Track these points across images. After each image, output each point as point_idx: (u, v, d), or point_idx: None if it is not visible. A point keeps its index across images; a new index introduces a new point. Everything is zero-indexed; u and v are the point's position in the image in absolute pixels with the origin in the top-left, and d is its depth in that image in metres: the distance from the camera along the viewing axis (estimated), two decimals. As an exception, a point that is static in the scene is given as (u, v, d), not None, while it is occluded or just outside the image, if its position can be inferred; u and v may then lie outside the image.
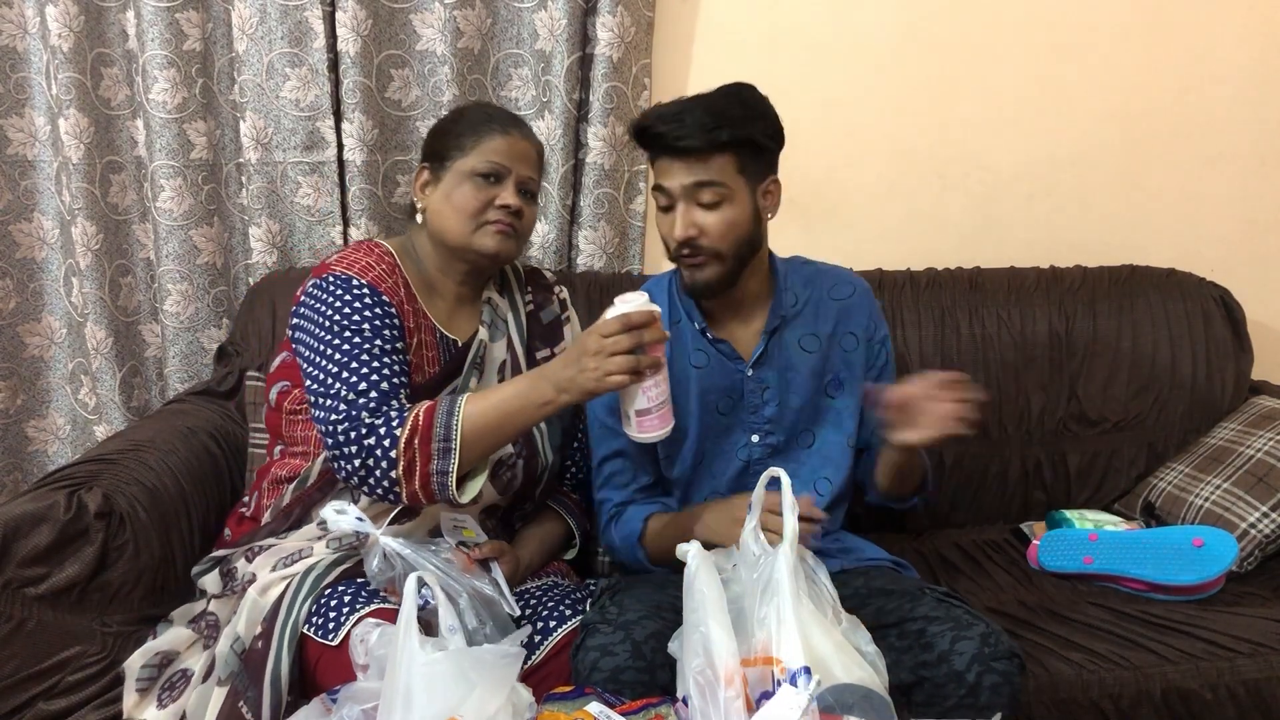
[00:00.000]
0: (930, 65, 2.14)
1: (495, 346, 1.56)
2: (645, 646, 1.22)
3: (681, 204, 1.41)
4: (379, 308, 1.41)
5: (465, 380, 1.50)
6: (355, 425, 1.30)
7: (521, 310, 1.62)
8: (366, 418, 1.30)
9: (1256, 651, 1.50)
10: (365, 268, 1.44)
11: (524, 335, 1.60)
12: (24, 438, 2.09)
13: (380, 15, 1.94)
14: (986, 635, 1.24)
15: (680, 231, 1.41)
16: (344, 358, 1.36)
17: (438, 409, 1.30)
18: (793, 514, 1.17)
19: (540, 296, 1.66)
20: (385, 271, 1.45)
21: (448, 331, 1.52)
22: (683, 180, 1.40)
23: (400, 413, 1.31)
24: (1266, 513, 1.73)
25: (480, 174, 1.46)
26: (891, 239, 2.19)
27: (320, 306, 1.41)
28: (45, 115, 1.96)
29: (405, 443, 1.28)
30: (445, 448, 1.28)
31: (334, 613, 1.29)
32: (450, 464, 1.28)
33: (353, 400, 1.32)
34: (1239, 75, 2.20)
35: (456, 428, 1.28)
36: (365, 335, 1.38)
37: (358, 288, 1.41)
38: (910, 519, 1.98)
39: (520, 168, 1.48)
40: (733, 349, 1.52)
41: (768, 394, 1.52)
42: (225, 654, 1.32)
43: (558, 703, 1.11)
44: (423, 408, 1.30)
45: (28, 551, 1.36)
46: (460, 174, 1.46)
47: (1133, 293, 2.06)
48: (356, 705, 1.08)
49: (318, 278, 1.45)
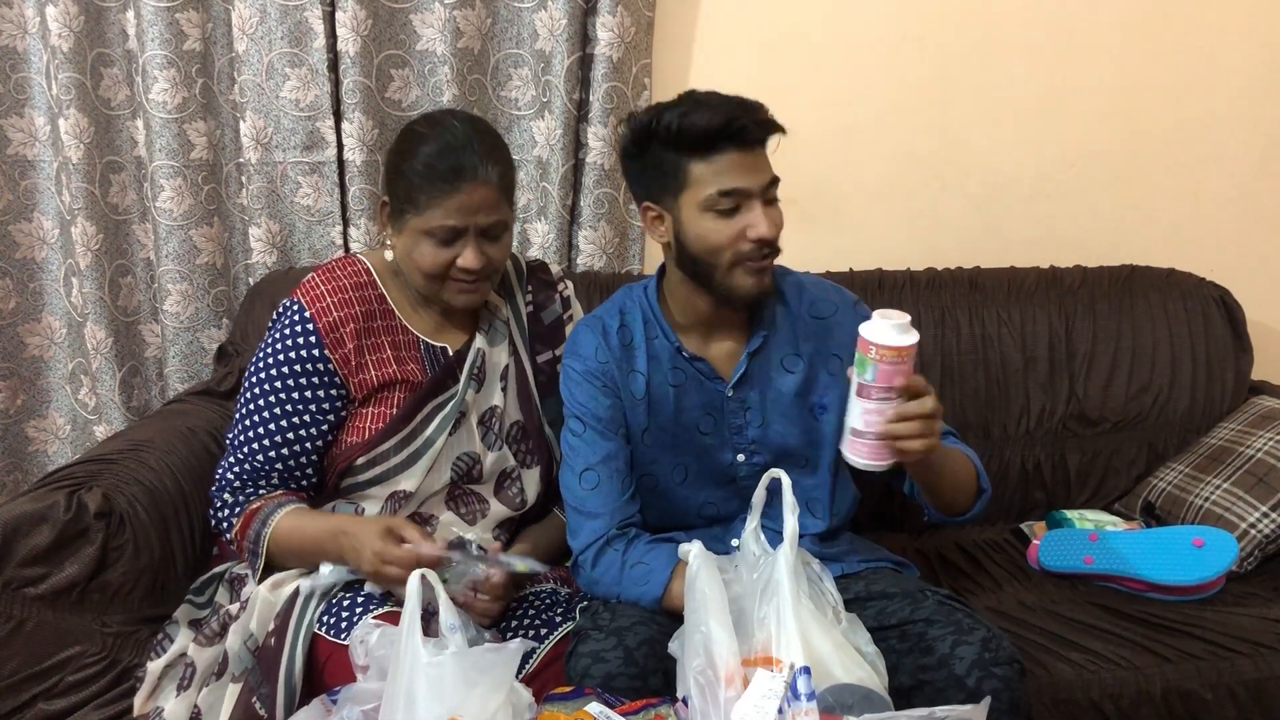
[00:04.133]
0: (930, 66, 2.14)
1: (495, 352, 1.53)
2: (638, 653, 1.22)
3: (759, 202, 1.33)
4: (308, 351, 1.43)
5: (464, 391, 1.47)
6: (217, 496, 1.45)
7: (522, 311, 1.59)
8: (227, 497, 1.44)
9: (1256, 651, 1.50)
10: (318, 297, 1.45)
11: (526, 337, 1.58)
12: (24, 438, 2.09)
13: (380, 15, 1.93)
14: (988, 640, 1.24)
15: (769, 230, 1.32)
16: (253, 406, 1.44)
17: (258, 515, 1.40)
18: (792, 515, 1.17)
19: (542, 295, 1.62)
20: (341, 301, 1.45)
21: (435, 341, 1.50)
22: (761, 179, 1.33)
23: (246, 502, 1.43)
24: (1266, 513, 1.73)
25: (435, 237, 1.39)
26: (891, 239, 2.19)
27: (268, 336, 1.47)
28: (45, 115, 1.96)
29: (237, 533, 1.42)
30: (254, 549, 1.39)
31: (346, 612, 1.31)
32: (258, 563, 1.40)
33: (229, 465, 1.45)
34: (1239, 75, 2.20)
35: (265, 538, 1.38)
36: (279, 390, 1.43)
37: (300, 324, 1.44)
38: (910, 519, 1.98)
39: (479, 219, 1.39)
40: (711, 368, 1.45)
41: (750, 414, 1.46)
42: (238, 650, 1.33)
43: (557, 703, 1.11)
44: (252, 506, 1.41)
45: (28, 551, 1.36)
46: (416, 232, 1.40)
47: (1133, 293, 2.06)
48: (356, 706, 1.08)
49: (287, 299, 1.48)
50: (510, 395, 1.54)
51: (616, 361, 1.46)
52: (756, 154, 1.34)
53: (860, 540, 1.59)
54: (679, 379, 1.46)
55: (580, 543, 1.42)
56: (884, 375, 1.21)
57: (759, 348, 1.45)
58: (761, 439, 1.46)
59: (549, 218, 2.05)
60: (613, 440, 1.44)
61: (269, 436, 1.43)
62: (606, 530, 1.40)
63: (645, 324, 1.48)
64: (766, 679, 1.02)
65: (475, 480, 1.50)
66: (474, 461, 1.48)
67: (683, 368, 1.46)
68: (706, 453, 1.47)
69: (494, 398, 1.52)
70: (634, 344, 1.47)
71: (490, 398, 1.51)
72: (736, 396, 1.46)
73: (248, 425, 1.44)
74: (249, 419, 1.44)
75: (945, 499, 1.42)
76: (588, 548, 1.40)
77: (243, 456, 1.44)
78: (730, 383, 1.45)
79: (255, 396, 1.44)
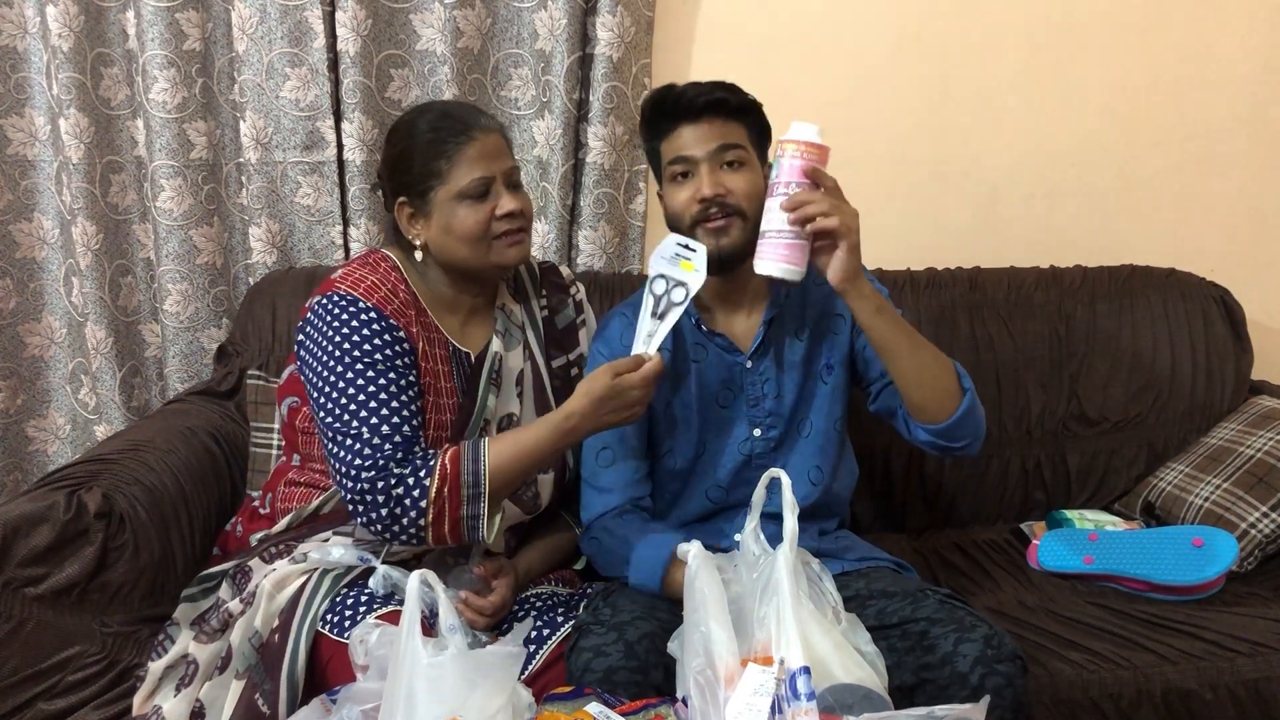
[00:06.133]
0: (929, 65, 2.14)
1: (511, 356, 1.52)
2: (638, 647, 1.22)
3: (705, 166, 1.42)
4: (388, 334, 1.36)
5: (483, 399, 1.46)
6: (383, 475, 1.28)
7: (538, 315, 1.59)
8: (395, 468, 1.28)
9: (1256, 651, 1.49)
10: (371, 287, 1.39)
11: (541, 341, 1.57)
12: (24, 438, 2.09)
13: (380, 15, 1.94)
14: (989, 637, 1.24)
15: (709, 189, 1.41)
16: (360, 394, 1.32)
17: (462, 456, 1.30)
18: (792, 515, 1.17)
19: (555, 299, 1.62)
20: (391, 290, 1.40)
21: (460, 345, 1.48)
22: (707, 145, 1.42)
23: (426, 460, 1.30)
24: (1266, 513, 1.73)
25: (470, 195, 1.39)
26: (891, 239, 2.18)
27: (327, 330, 1.36)
28: (45, 115, 1.96)
29: (435, 492, 1.28)
30: (475, 494, 1.29)
31: (350, 611, 1.30)
32: (481, 509, 1.30)
33: (378, 445, 1.29)
34: (1239, 75, 2.20)
35: (484, 474, 1.29)
36: (379, 369, 1.33)
37: (365, 311, 1.36)
38: (910, 519, 1.98)
39: (500, 164, 1.41)
40: (730, 341, 1.52)
41: (767, 386, 1.52)
42: (242, 647, 1.33)
43: (557, 703, 1.11)
44: (448, 455, 1.30)
45: (28, 551, 1.36)
46: (449, 202, 1.39)
47: (1133, 293, 2.06)
48: (356, 706, 1.08)
49: (323, 294, 1.39)
50: (527, 401, 1.54)
51: None
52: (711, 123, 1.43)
53: (860, 540, 1.59)
54: (700, 354, 1.53)
55: (591, 515, 1.51)
56: (791, 169, 1.30)
57: (774, 316, 1.51)
58: (777, 410, 1.52)
59: (549, 218, 2.05)
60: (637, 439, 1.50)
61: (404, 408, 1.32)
62: (619, 504, 1.49)
63: None
64: (757, 674, 1.02)
65: None
66: None
67: (703, 343, 1.53)
68: (724, 427, 1.52)
69: (511, 404, 1.51)
70: None
71: (508, 404, 1.51)
72: (755, 368, 1.51)
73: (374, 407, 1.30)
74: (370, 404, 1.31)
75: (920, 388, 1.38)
76: (598, 519, 1.49)
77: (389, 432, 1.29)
78: (748, 353, 1.51)
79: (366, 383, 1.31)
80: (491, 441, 1.32)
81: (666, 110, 1.45)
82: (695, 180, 1.43)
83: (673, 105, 1.44)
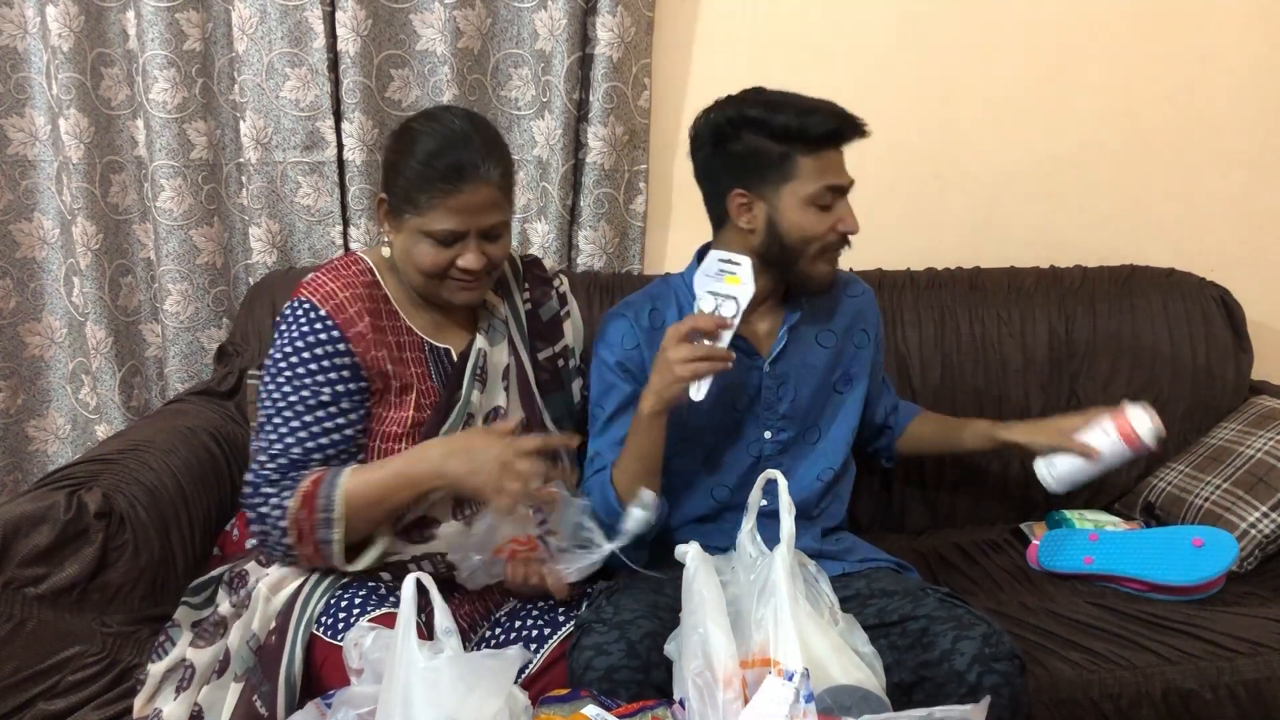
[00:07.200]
0: (930, 65, 2.13)
1: (495, 351, 1.52)
2: (640, 646, 1.22)
3: (847, 199, 1.46)
4: (330, 345, 1.38)
5: (467, 395, 1.46)
6: (256, 494, 1.34)
7: (520, 309, 1.59)
8: (265, 488, 1.34)
9: (1256, 651, 1.49)
10: (329, 294, 1.41)
11: (525, 336, 1.58)
12: (24, 438, 2.09)
13: (380, 15, 1.93)
14: (988, 635, 1.24)
15: (855, 225, 1.46)
16: (272, 406, 1.38)
17: (324, 480, 1.33)
18: (789, 516, 1.17)
19: (538, 292, 1.61)
20: (352, 297, 1.42)
21: (438, 342, 1.48)
22: (848, 177, 1.47)
23: (298, 482, 1.34)
24: (1266, 513, 1.73)
25: (435, 238, 1.37)
26: (891, 239, 2.18)
27: (278, 339, 1.42)
28: (45, 115, 1.96)
29: (294, 515, 1.32)
30: (327, 518, 1.31)
31: (344, 613, 1.30)
32: (333, 534, 1.32)
33: (261, 464, 1.36)
34: (1239, 75, 2.20)
35: (337, 499, 1.31)
36: (295, 385, 1.37)
37: (314, 321, 1.39)
38: (910, 519, 1.97)
39: (480, 219, 1.38)
40: (750, 345, 1.51)
41: (783, 390, 1.52)
42: (240, 650, 1.33)
43: (554, 705, 1.11)
44: (310, 479, 1.33)
45: (28, 551, 1.36)
46: (416, 232, 1.38)
47: (1133, 293, 2.06)
48: (351, 710, 1.07)
49: (292, 299, 1.43)
50: (513, 395, 1.54)
51: (646, 343, 1.51)
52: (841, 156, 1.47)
53: (861, 541, 1.59)
54: None
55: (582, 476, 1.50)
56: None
57: (797, 322, 1.53)
58: (791, 414, 1.53)
59: (549, 218, 2.05)
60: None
61: (305, 429, 1.36)
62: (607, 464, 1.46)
63: (680, 309, 1.54)
64: (776, 686, 1.01)
65: None
66: None
67: None
68: (735, 428, 1.52)
69: (497, 398, 1.51)
70: (665, 326, 1.52)
71: (494, 398, 1.51)
72: (773, 372, 1.52)
73: (279, 423, 1.37)
74: (278, 417, 1.37)
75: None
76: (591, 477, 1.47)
77: (278, 452, 1.36)
78: (769, 358, 1.51)
79: (282, 396, 1.38)
80: (356, 470, 1.35)
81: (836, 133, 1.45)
82: (839, 211, 1.45)
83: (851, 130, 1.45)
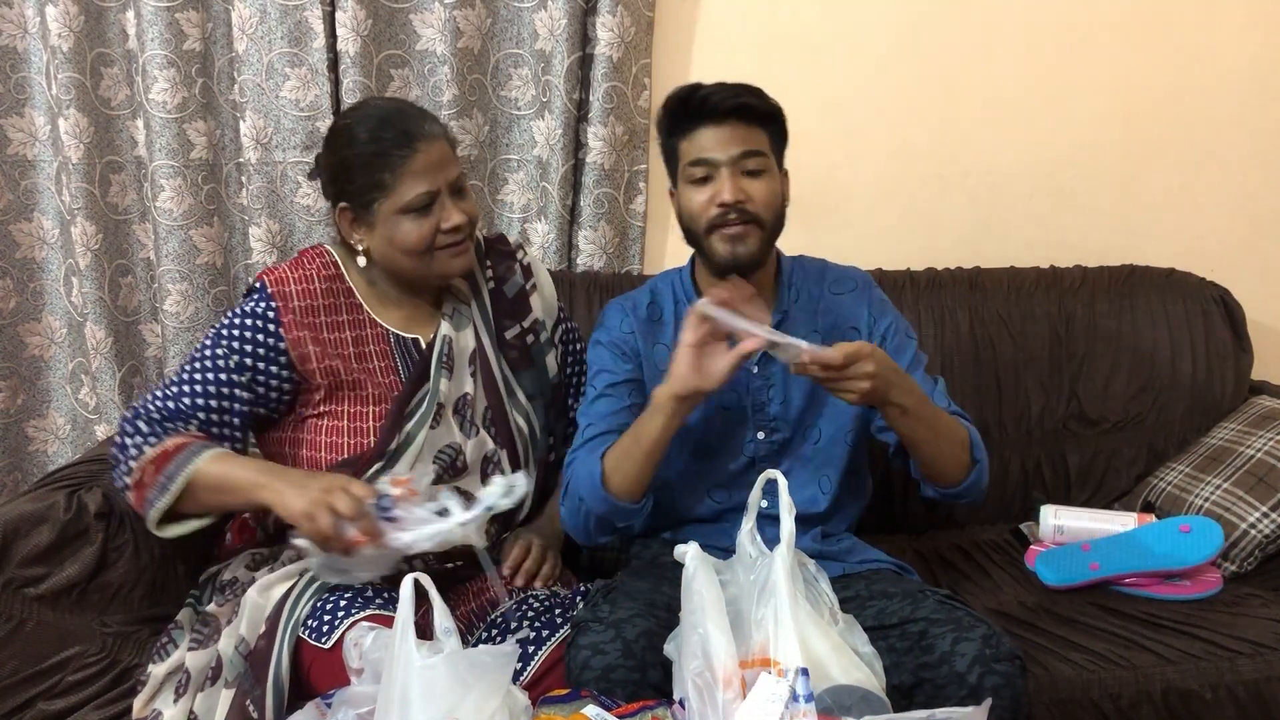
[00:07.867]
0: (930, 65, 2.13)
1: (462, 336, 1.52)
2: (636, 645, 1.22)
3: (726, 171, 1.41)
4: (262, 321, 1.42)
5: (435, 383, 1.46)
6: (131, 421, 1.39)
7: (484, 288, 1.58)
8: (140, 423, 1.39)
9: (1256, 651, 1.50)
10: (280, 280, 1.44)
11: (488, 316, 1.57)
12: (24, 438, 2.09)
13: (380, 15, 1.93)
14: (988, 637, 1.24)
15: (730, 194, 1.40)
16: (194, 357, 1.43)
17: (187, 448, 1.35)
18: (789, 516, 1.17)
19: (502, 268, 1.60)
20: (305, 290, 1.44)
21: (406, 333, 1.49)
22: (730, 150, 1.41)
23: (170, 436, 1.37)
24: (1266, 513, 1.73)
25: (414, 209, 1.38)
26: (891, 239, 2.19)
27: (230, 311, 1.46)
28: (45, 115, 1.96)
29: (143, 464, 1.35)
30: (164, 485, 1.34)
31: (329, 616, 1.30)
32: (162, 500, 1.34)
33: (152, 399, 1.41)
34: (1239, 75, 2.20)
35: (182, 475, 1.33)
36: (223, 345, 1.42)
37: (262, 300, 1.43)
38: (910, 519, 1.97)
39: (445, 174, 1.39)
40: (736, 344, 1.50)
41: (773, 391, 1.51)
42: (230, 655, 1.33)
43: (554, 705, 1.11)
44: (176, 441, 1.36)
45: (28, 551, 1.36)
46: (392, 215, 1.39)
47: (1133, 293, 2.06)
48: (351, 710, 1.07)
49: (254, 280, 1.47)
50: (479, 379, 1.54)
51: (641, 333, 1.53)
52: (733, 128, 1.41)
53: (861, 542, 1.59)
54: None
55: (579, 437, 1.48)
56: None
57: (781, 321, 1.51)
58: (783, 415, 1.52)
59: (549, 218, 2.05)
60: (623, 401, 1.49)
61: (202, 385, 1.41)
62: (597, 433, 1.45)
63: (677, 303, 1.55)
64: (770, 684, 1.02)
65: (460, 472, 1.49)
66: (456, 452, 1.48)
67: None
68: (728, 429, 1.52)
69: (465, 384, 1.51)
70: (663, 319, 1.56)
71: (462, 385, 1.51)
72: (761, 373, 1.51)
73: (186, 371, 1.42)
74: (188, 365, 1.43)
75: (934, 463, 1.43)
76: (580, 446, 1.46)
77: (170, 395, 1.41)
78: (755, 359, 1.49)
79: (202, 351, 1.43)
80: (221, 455, 1.36)
81: (691, 109, 1.43)
82: (715, 184, 1.42)
83: (698, 105, 1.42)
